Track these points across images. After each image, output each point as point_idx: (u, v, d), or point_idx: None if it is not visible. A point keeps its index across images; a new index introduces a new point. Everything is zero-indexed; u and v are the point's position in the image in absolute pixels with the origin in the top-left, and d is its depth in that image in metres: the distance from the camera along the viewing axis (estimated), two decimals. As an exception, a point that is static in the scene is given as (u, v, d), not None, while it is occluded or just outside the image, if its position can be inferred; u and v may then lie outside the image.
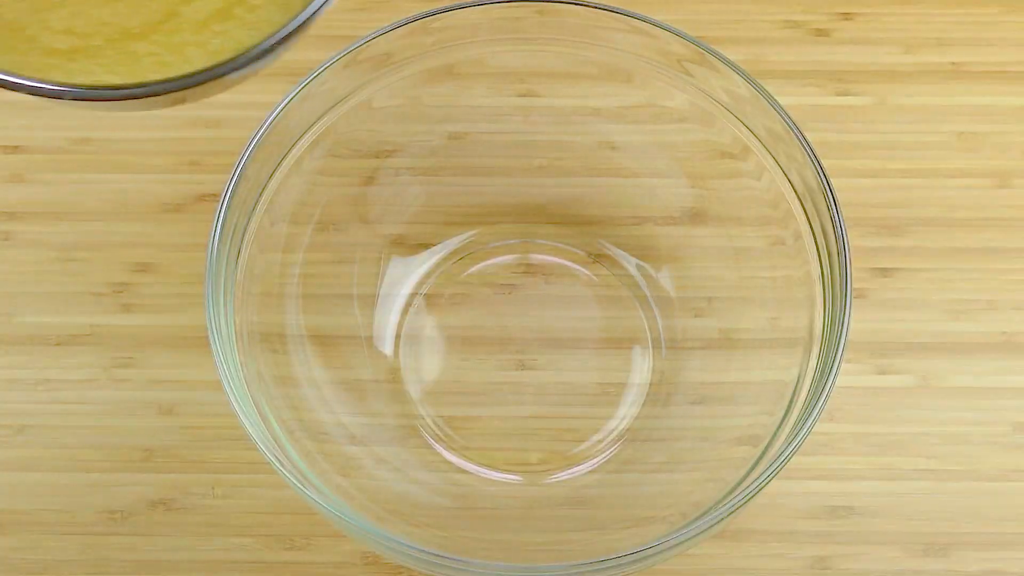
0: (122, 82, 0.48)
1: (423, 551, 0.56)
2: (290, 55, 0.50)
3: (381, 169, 0.68)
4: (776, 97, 0.61)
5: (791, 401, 0.60)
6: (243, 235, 0.60)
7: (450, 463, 0.65)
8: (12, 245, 0.70)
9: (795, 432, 0.57)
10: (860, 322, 0.67)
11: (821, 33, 0.73)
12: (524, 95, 0.67)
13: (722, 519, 0.56)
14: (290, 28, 0.48)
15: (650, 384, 0.67)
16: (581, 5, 0.61)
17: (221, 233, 0.58)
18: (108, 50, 0.49)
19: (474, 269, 0.69)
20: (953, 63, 0.73)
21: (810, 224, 0.62)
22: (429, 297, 0.69)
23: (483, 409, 0.66)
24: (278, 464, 0.55)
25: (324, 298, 0.67)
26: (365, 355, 0.67)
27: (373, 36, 0.61)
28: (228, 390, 0.56)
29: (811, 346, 0.61)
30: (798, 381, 0.61)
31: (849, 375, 0.67)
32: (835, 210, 0.60)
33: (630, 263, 0.69)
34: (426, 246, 0.69)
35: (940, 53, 0.73)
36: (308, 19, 0.48)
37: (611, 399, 0.67)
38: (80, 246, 0.70)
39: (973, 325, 0.68)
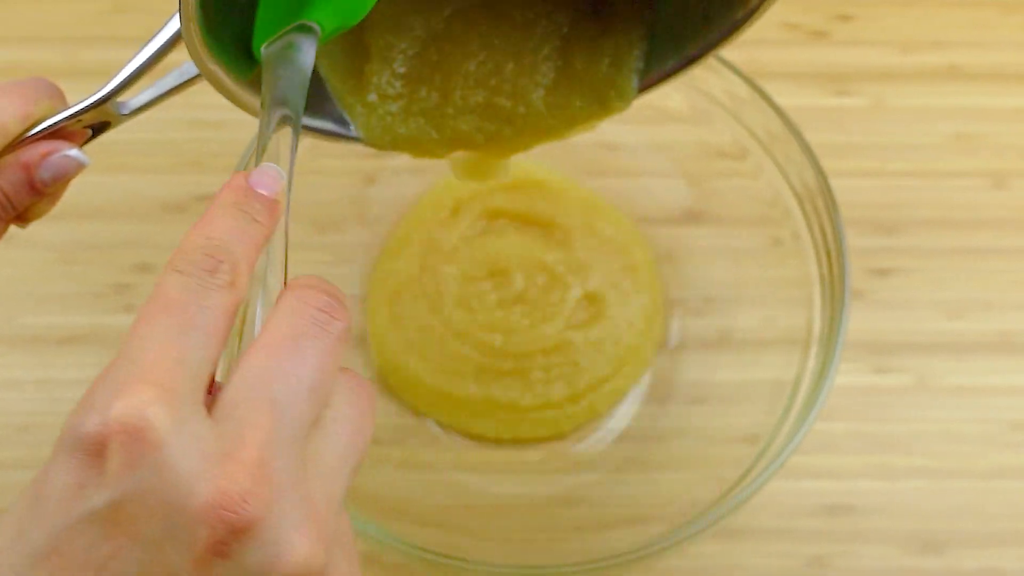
0: None
1: (423, 551, 0.56)
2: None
3: (381, 169, 0.69)
4: (774, 98, 0.62)
5: (789, 400, 0.60)
6: (244, 236, 0.60)
7: (450, 463, 0.65)
8: (14, 246, 0.69)
9: (794, 431, 0.58)
10: (858, 322, 0.67)
11: (819, 34, 0.74)
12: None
13: (721, 518, 0.56)
14: None
15: (649, 384, 0.67)
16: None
17: (222, 234, 0.58)
18: None
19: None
20: (951, 64, 0.73)
21: (808, 224, 0.62)
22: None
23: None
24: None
25: (324, 298, 0.67)
26: (365, 355, 0.67)
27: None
28: (230, 390, 0.56)
29: (809, 345, 0.61)
30: (796, 380, 0.61)
31: (847, 374, 0.67)
32: (833, 210, 0.60)
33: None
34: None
35: (937, 54, 0.73)
36: None
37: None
38: (81, 246, 0.70)
39: (970, 325, 0.68)
